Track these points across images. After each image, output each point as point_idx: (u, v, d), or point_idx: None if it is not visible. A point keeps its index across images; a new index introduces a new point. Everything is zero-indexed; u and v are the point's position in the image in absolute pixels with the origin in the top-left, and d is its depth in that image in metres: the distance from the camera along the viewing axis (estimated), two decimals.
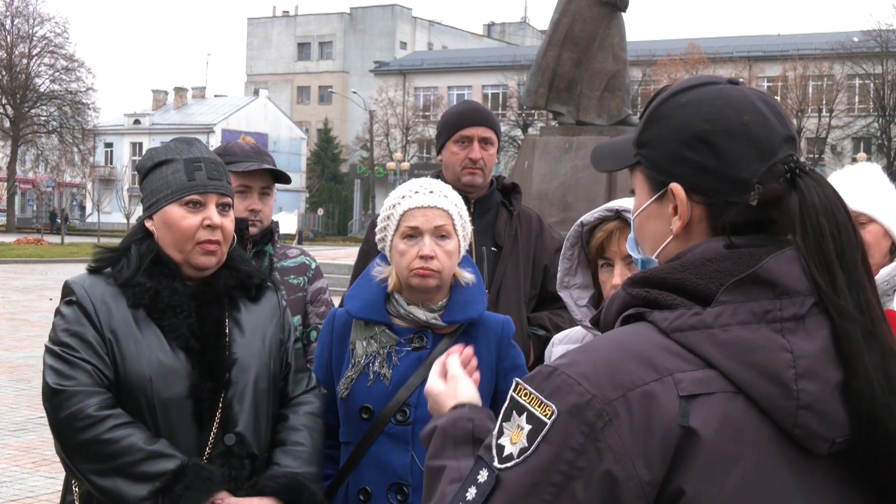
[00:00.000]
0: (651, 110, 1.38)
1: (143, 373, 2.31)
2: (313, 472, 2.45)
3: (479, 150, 3.54)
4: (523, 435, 1.19)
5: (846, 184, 2.97)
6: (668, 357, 1.20)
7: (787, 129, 1.32)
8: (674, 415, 1.16)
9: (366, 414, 2.53)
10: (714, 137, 1.29)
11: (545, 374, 1.22)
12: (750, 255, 1.26)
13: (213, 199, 2.42)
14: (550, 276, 3.57)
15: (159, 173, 2.43)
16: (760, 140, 1.29)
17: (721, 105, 1.31)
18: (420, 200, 2.53)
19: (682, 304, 1.23)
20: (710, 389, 1.18)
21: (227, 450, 2.36)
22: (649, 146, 1.36)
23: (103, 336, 2.33)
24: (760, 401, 1.18)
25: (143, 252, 2.41)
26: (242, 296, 2.50)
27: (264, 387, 2.45)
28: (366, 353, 2.54)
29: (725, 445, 1.17)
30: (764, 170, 1.28)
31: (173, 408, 2.33)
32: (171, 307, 2.36)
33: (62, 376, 2.29)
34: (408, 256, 2.50)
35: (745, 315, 1.21)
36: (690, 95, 1.34)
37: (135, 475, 2.23)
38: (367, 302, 2.57)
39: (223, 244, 2.44)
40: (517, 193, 3.71)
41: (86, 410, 2.25)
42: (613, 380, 1.17)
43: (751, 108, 1.31)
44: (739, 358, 1.19)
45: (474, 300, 2.58)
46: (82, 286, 2.39)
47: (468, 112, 3.63)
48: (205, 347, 2.37)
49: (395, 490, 2.50)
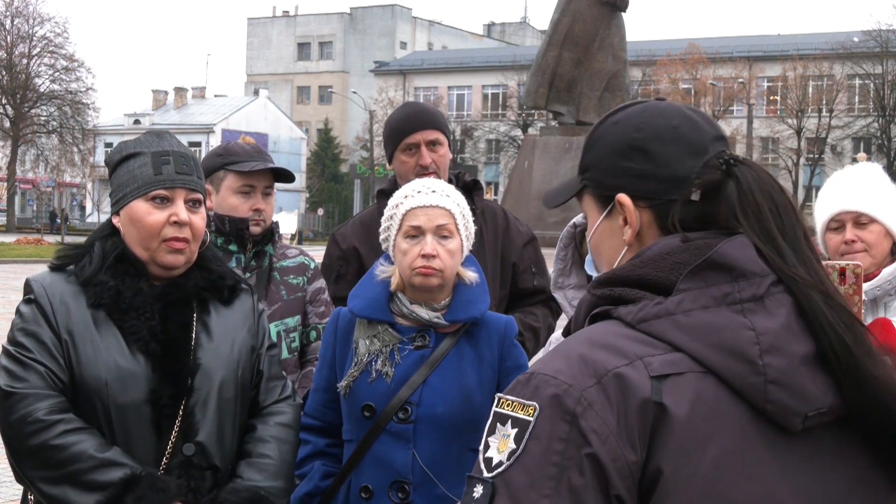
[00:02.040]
0: (588, 137, 1.47)
1: (100, 376, 2.21)
2: (279, 487, 2.35)
3: (428, 154, 3.36)
4: (510, 440, 1.21)
5: (847, 184, 2.97)
6: (636, 344, 1.24)
7: (715, 129, 1.41)
8: (647, 393, 1.20)
9: (368, 412, 2.54)
10: (646, 144, 1.37)
11: (523, 381, 1.26)
12: (705, 244, 1.30)
13: (181, 195, 2.30)
14: (520, 272, 3.51)
15: (126, 167, 2.32)
16: (691, 140, 1.37)
17: (649, 115, 1.40)
18: (422, 200, 2.54)
19: (645, 297, 1.28)
20: (680, 370, 1.22)
21: (186, 460, 2.25)
22: (591, 168, 1.44)
23: (59, 337, 2.23)
24: (729, 379, 1.22)
25: (107, 249, 2.30)
26: (213, 298, 2.38)
27: (230, 395, 2.34)
28: (368, 352, 2.55)
29: (699, 423, 1.20)
30: (700, 166, 1.35)
31: (130, 414, 2.22)
32: (133, 308, 2.25)
33: (14, 378, 2.19)
34: (410, 255, 2.51)
35: (706, 300, 1.25)
36: (620, 115, 1.43)
37: (84, 484, 2.12)
38: (371, 301, 2.58)
39: (192, 242, 2.32)
40: (478, 189, 3.51)
41: (35, 414, 2.15)
42: (586, 370, 1.22)
43: (678, 115, 1.39)
44: (704, 339, 1.23)
45: (477, 299, 2.59)
46: (41, 284, 2.29)
47: (409, 117, 3.44)
48: (167, 351, 2.25)
49: (397, 488, 2.51)
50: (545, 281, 3.55)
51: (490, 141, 63.94)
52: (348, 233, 3.47)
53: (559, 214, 22.35)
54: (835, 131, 53.36)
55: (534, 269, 3.56)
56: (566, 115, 23.15)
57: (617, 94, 22.84)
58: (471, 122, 64.38)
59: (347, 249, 3.40)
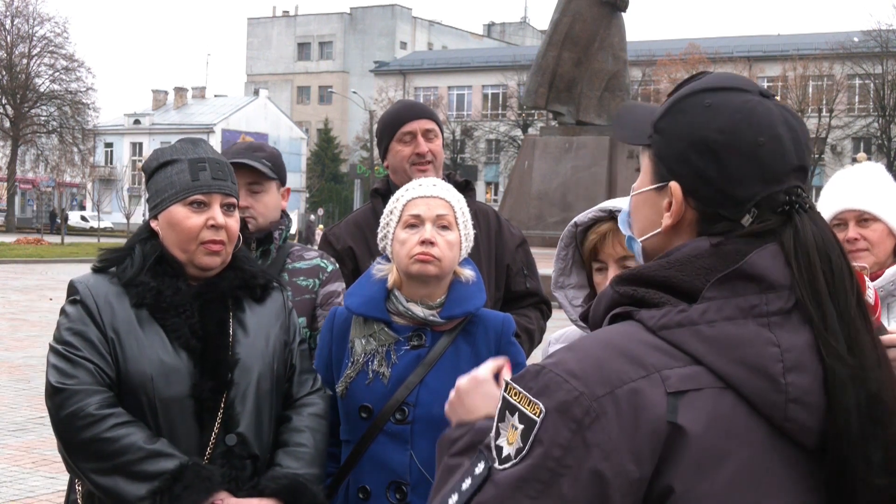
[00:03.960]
0: (676, 98, 1.36)
1: (145, 372, 2.32)
2: (315, 474, 2.44)
3: (425, 143, 3.35)
4: (518, 435, 1.20)
5: (850, 182, 2.96)
6: (656, 354, 1.20)
7: (801, 158, 1.30)
8: (661, 411, 1.16)
9: (365, 413, 2.53)
10: (722, 150, 1.28)
11: (533, 372, 1.22)
12: (736, 251, 1.26)
13: (217, 200, 2.42)
14: (513, 274, 3.50)
15: (164, 174, 2.44)
16: (768, 164, 1.27)
17: (740, 119, 1.29)
18: (423, 191, 2.56)
19: (669, 302, 1.24)
20: (698, 385, 1.19)
21: (228, 450, 2.36)
22: (662, 135, 1.35)
23: (105, 335, 2.33)
24: (749, 396, 1.19)
25: (147, 252, 2.41)
26: (247, 296, 2.49)
27: (267, 388, 2.45)
28: (364, 352, 2.55)
29: (715, 441, 1.17)
30: (764, 195, 1.27)
31: (174, 407, 2.33)
32: (174, 307, 2.36)
33: (64, 375, 2.30)
34: (409, 244, 2.50)
35: (732, 310, 1.21)
36: (716, 98, 1.32)
37: (134, 474, 2.23)
38: (368, 298, 2.58)
39: (227, 244, 2.44)
40: (470, 191, 3.41)
41: (87, 409, 2.26)
42: (601, 377, 1.18)
43: (769, 130, 1.28)
44: (726, 353, 1.19)
45: (472, 295, 2.58)
46: (86, 285, 2.39)
47: (405, 108, 3.46)
48: (207, 347, 2.37)
49: (394, 489, 2.51)
50: (536, 283, 3.55)
51: (490, 141, 63.99)
52: (343, 233, 3.42)
53: (559, 214, 22.35)
54: (835, 131, 53.41)
55: (525, 271, 3.54)
56: (566, 115, 23.16)
57: (617, 94, 22.84)
58: (471, 122, 64.43)
59: (342, 250, 3.36)
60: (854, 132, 53.44)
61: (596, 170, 21.65)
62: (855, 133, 53.56)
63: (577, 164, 21.90)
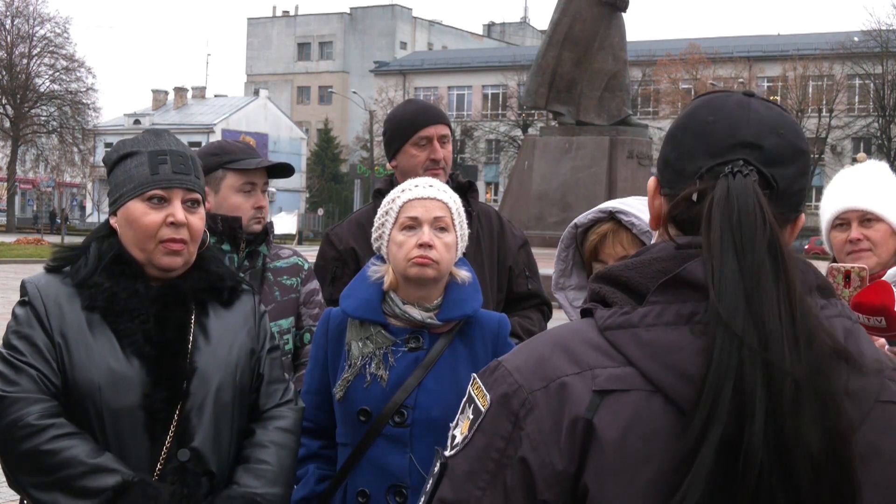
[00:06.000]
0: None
1: (93, 380, 2.15)
2: (277, 494, 2.28)
3: (441, 150, 3.34)
4: (468, 424, 1.25)
5: (853, 182, 2.95)
6: (594, 353, 1.23)
7: (755, 136, 1.27)
8: (582, 407, 1.19)
9: (363, 416, 2.51)
10: (676, 132, 1.34)
11: (492, 367, 1.29)
12: (688, 256, 1.25)
13: (178, 195, 2.24)
14: (515, 275, 3.49)
15: (123, 167, 2.27)
16: (715, 139, 1.29)
17: (701, 105, 1.34)
18: (419, 193, 2.53)
19: (620, 302, 1.26)
20: (626, 386, 1.19)
21: (180, 466, 2.18)
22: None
23: (53, 340, 2.18)
24: (677, 401, 1.18)
25: (103, 250, 2.25)
26: (212, 299, 2.33)
27: (228, 399, 2.27)
28: (361, 355, 2.53)
29: (635, 444, 1.17)
30: (707, 167, 1.28)
31: (123, 418, 2.16)
32: (128, 310, 2.19)
33: (6, 381, 2.14)
34: (406, 247, 2.48)
35: (671, 316, 1.22)
36: (697, 100, 1.38)
37: (75, 490, 2.07)
38: (364, 301, 2.55)
39: (190, 244, 2.26)
40: (474, 192, 3.44)
41: (26, 419, 2.10)
42: (539, 372, 1.23)
43: (721, 111, 1.30)
44: (658, 358, 1.20)
45: (469, 297, 2.56)
46: (36, 286, 2.24)
47: (423, 111, 3.41)
48: (161, 354, 2.20)
49: (394, 492, 2.49)
50: (538, 285, 3.54)
51: (490, 141, 63.99)
52: (345, 233, 3.40)
53: (559, 214, 22.32)
54: (835, 131, 53.42)
55: (527, 272, 3.54)
56: (566, 115, 23.13)
57: (617, 94, 22.82)
58: (471, 122, 64.43)
59: (344, 250, 3.35)
60: (854, 132, 53.44)
61: (596, 170, 21.63)
62: (855, 133, 53.57)
63: (576, 165, 21.88)
